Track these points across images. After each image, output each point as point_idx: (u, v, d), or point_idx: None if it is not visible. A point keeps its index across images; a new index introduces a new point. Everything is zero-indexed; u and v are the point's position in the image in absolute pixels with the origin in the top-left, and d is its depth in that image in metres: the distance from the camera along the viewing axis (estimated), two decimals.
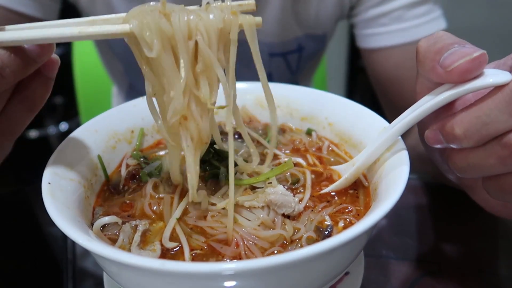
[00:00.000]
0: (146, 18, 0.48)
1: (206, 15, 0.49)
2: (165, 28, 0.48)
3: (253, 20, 0.51)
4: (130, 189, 0.64)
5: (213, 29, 0.49)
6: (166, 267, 0.40)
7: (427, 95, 0.53)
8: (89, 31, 0.48)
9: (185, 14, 0.49)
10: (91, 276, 0.72)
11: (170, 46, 0.49)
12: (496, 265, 0.72)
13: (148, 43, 0.48)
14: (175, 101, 0.50)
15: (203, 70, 0.50)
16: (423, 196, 0.87)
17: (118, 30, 0.49)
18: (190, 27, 0.49)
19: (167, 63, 0.49)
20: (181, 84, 0.50)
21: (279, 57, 1.13)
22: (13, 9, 0.94)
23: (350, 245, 0.49)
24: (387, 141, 0.57)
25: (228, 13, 0.50)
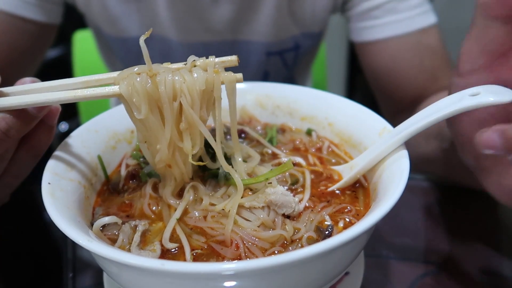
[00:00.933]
0: (134, 82, 0.53)
1: (189, 77, 0.54)
2: (151, 92, 0.53)
3: (234, 77, 0.56)
4: (130, 189, 0.64)
5: (196, 90, 0.54)
6: (166, 267, 0.40)
7: (433, 105, 0.55)
8: (83, 94, 0.54)
9: (170, 74, 0.53)
10: (91, 276, 0.72)
11: (157, 106, 0.54)
12: (496, 265, 0.72)
13: (136, 106, 0.53)
14: (161, 152, 0.56)
15: (186, 127, 0.55)
16: (423, 196, 0.87)
17: (110, 93, 0.54)
18: (175, 89, 0.53)
19: (154, 123, 0.55)
20: (166, 139, 0.56)
21: (275, 55, 1.13)
22: (18, 15, 0.95)
23: (350, 245, 0.49)
24: (390, 147, 0.57)
25: (211, 72, 0.55)
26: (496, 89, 0.49)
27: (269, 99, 0.78)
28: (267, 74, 1.16)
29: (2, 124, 0.52)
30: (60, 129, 2.51)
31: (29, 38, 0.99)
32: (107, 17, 1.04)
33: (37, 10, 0.97)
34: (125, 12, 1.02)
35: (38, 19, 0.98)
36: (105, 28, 1.07)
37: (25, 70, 1.04)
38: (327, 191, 0.62)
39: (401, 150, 0.56)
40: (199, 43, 1.06)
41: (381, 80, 1.07)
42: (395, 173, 0.54)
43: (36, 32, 1.00)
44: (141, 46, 0.52)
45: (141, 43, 0.51)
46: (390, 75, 1.04)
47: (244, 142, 0.73)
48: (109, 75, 0.56)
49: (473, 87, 0.51)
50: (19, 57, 0.99)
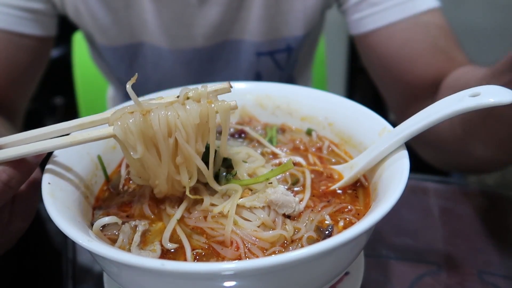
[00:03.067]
0: (127, 122, 0.53)
1: (183, 112, 0.54)
2: (146, 131, 0.53)
3: (228, 106, 0.56)
4: (130, 190, 0.64)
5: (190, 125, 0.54)
6: (166, 267, 0.40)
7: (433, 105, 0.55)
8: (80, 138, 0.55)
9: (163, 111, 0.53)
10: (91, 276, 0.72)
11: (153, 144, 0.54)
12: (496, 265, 0.72)
13: (132, 146, 0.54)
14: (160, 186, 0.57)
15: (182, 161, 0.56)
16: (423, 196, 0.87)
17: (105, 134, 0.55)
18: (169, 126, 0.53)
19: (151, 161, 0.55)
20: (164, 175, 0.56)
21: (266, 55, 1.11)
22: (14, 31, 0.95)
23: (350, 245, 0.49)
24: (391, 147, 0.57)
25: (205, 103, 0.55)
26: (496, 89, 0.50)
27: (269, 99, 0.78)
28: (259, 75, 1.15)
29: (3, 176, 0.52)
30: None
31: (27, 53, 0.99)
32: (98, 26, 1.04)
33: (33, 24, 0.98)
34: (115, 21, 1.02)
35: (35, 33, 0.98)
36: (97, 38, 1.07)
37: (26, 86, 1.04)
38: (327, 191, 0.62)
39: (401, 150, 0.56)
40: (189, 48, 1.05)
41: (393, 70, 0.99)
42: (395, 173, 0.54)
43: (34, 46, 1.00)
44: (128, 92, 0.52)
45: (128, 89, 0.52)
46: (402, 63, 0.96)
47: (244, 142, 0.73)
48: (102, 116, 0.56)
49: (473, 88, 0.52)
50: (20, 73, 1.00)
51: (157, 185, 0.57)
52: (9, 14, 0.94)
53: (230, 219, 0.54)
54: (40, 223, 0.86)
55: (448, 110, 0.52)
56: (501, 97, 0.48)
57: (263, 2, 1.02)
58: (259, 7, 1.03)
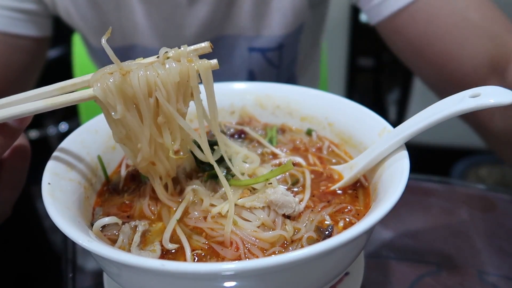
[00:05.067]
0: (107, 82, 0.52)
1: (163, 71, 0.53)
2: (126, 90, 0.52)
3: (209, 64, 0.54)
4: (130, 190, 0.64)
5: (170, 83, 0.53)
6: (166, 267, 0.40)
7: (433, 106, 0.55)
8: (60, 100, 0.54)
9: (143, 70, 0.52)
10: (91, 276, 0.72)
11: (133, 104, 0.54)
12: (496, 265, 0.72)
13: (112, 106, 0.53)
14: (142, 150, 0.56)
15: (164, 121, 0.55)
16: (423, 196, 0.87)
17: (85, 96, 0.54)
18: (149, 84, 0.53)
19: (132, 121, 0.54)
20: (146, 137, 0.55)
21: (257, 52, 1.10)
22: (10, 33, 0.95)
23: (350, 245, 0.49)
24: (391, 147, 0.57)
25: (185, 62, 0.53)
26: (496, 90, 0.50)
27: (269, 99, 0.78)
28: (252, 73, 1.14)
29: None
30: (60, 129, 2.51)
31: (23, 54, 0.99)
32: (89, 29, 1.04)
33: (27, 25, 0.97)
34: (106, 23, 1.02)
35: (30, 34, 0.98)
36: (90, 39, 1.07)
37: (23, 87, 1.04)
38: (327, 191, 0.62)
39: (402, 150, 0.56)
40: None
41: (424, 54, 0.88)
42: (395, 173, 0.54)
43: (29, 47, 1.00)
44: (104, 47, 0.51)
45: (103, 44, 0.51)
46: (432, 42, 0.85)
47: (244, 142, 0.73)
48: (83, 78, 0.55)
49: (474, 88, 0.52)
50: (16, 74, 1.00)
51: (139, 150, 0.56)
52: (2, 16, 0.94)
53: (229, 220, 0.54)
54: (40, 223, 0.86)
55: (448, 111, 0.52)
56: (501, 98, 0.48)
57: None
58: (249, 4, 1.02)
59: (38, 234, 0.84)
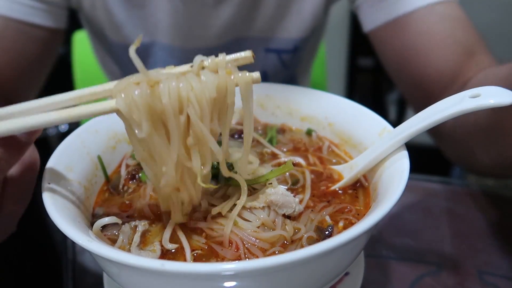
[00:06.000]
0: (132, 94, 0.44)
1: (197, 83, 0.45)
2: (153, 105, 0.45)
3: (250, 77, 0.48)
4: (130, 190, 0.64)
5: (205, 99, 0.46)
6: (166, 267, 0.40)
7: (433, 106, 0.55)
8: (78, 113, 0.46)
9: (174, 82, 0.45)
10: (91, 276, 0.72)
11: (161, 122, 0.46)
12: (496, 265, 0.72)
13: (137, 123, 0.45)
14: (167, 175, 0.49)
15: (195, 143, 0.48)
16: (423, 196, 0.87)
17: (106, 109, 0.46)
18: (180, 99, 0.45)
19: (158, 142, 0.47)
20: (172, 160, 0.47)
21: (273, 53, 1.11)
22: (27, 21, 0.95)
23: (350, 245, 0.49)
24: (391, 147, 0.57)
25: (223, 74, 0.46)
26: (496, 90, 0.50)
27: (269, 99, 0.78)
28: (266, 74, 1.15)
29: None
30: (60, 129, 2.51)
31: (38, 44, 0.99)
32: (112, 23, 1.04)
33: (45, 15, 0.97)
34: (129, 18, 1.02)
35: (47, 24, 0.98)
36: (109, 34, 1.07)
37: (34, 79, 1.04)
38: (327, 191, 0.62)
39: (402, 150, 0.56)
40: (201, 48, 1.05)
41: (409, 64, 0.94)
42: (395, 173, 0.54)
43: (45, 38, 0.99)
44: (131, 58, 0.44)
45: (131, 54, 0.44)
46: (418, 55, 0.92)
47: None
48: (104, 87, 0.48)
49: (473, 89, 0.52)
50: (29, 65, 0.99)
51: (164, 174, 0.49)
52: (21, 3, 0.93)
53: (230, 220, 0.53)
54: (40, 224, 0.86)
55: (448, 112, 0.52)
56: (501, 98, 0.48)
57: (275, 2, 1.02)
58: (271, 7, 1.03)
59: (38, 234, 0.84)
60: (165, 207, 0.55)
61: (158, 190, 0.52)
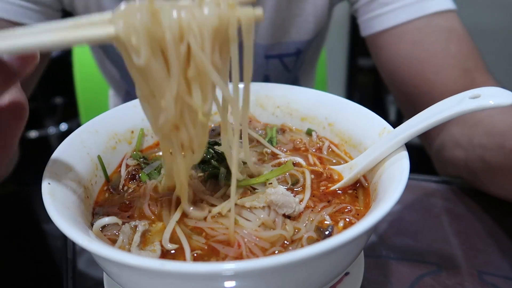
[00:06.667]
0: (132, 19, 0.43)
1: (199, 12, 0.45)
2: (154, 31, 0.43)
3: (253, 13, 0.46)
4: (130, 190, 0.64)
5: (207, 28, 0.45)
6: (166, 267, 0.40)
7: (433, 107, 0.55)
8: (71, 37, 0.42)
9: (176, 11, 0.44)
10: (91, 276, 0.72)
11: (160, 49, 0.45)
12: (496, 265, 0.72)
13: (135, 49, 0.44)
14: (167, 109, 0.47)
15: (195, 75, 0.46)
16: (423, 196, 0.87)
17: (103, 34, 0.43)
18: (181, 27, 0.44)
19: (157, 71, 0.45)
20: (172, 93, 0.46)
21: (275, 58, 1.11)
22: (19, 22, 0.94)
23: (350, 245, 0.49)
24: (391, 148, 0.57)
25: (225, 7, 0.45)
26: (497, 91, 0.50)
27: (269, 100, 0.78)
28: (268, 77, 1.15)
29: None
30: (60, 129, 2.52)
31: None
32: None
33: (37, 16, 0.97)
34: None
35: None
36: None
37: (28, 79, 1.03)
38: (327, 191, 0.62)
39: (402, 151, 0.56)
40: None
41: (402, 73, 0.96)
42: (395, 173, 0.54)
43: None
44: None
45: None
46: (412, 64, 0.93)
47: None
48: (103, 17, 0.45)
49: (474, 89, 0.52)
50: None
51: (163, 109, 0.47)
52: (13, 4, 0.93)
53: (231, 219, 0.53)
54: (40, 224, 0.86)
55: (448, 112, 0.52)
56: (501, 99, 0.48)
57: (274, 5, 1.02)
58: (270, 10, 1.02)
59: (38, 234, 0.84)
60: (165, 151, 0.53)
61: (157, 131, 0.51)
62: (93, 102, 1.57)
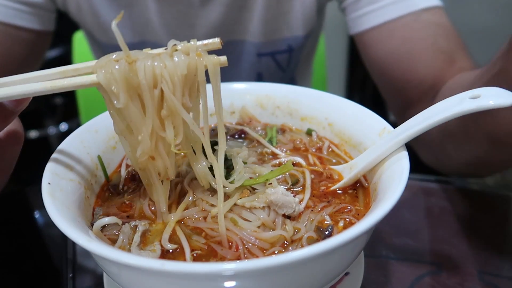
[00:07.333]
0: (112, 69, 0.50)
1: (170, 62, 0.51)
2: (130, 79, 0.51)
3: (217, 60, 0.53)
4: (130, 190, 0.64)
5: (177, 76, 0.52)
6: (166, 267, 0.40)
7: (433, 107, 0.55)
8: (61, 84, 0.51)
9: (150, 60, 0.51)
10: (91, 276, 0.72)
11: (137, 94, 0.52)
12: (496, 265, 0.72)
13: (115, 95, 0.51)
14: (142, 144, 0.54)
15: (168, 114, 0.53)
16: (423, 196, 0.87)
17: (87, 82, 0.52)
18: (155, 75, 0.51)
19: (134, 112, 0.52)
20: (147, 129, 0.53)
21: (267, 56, 1.11)
22: (12, 24, 0.95)
23: (350, 245, 0.49)
24: (390, 148, 0.57)
25: (193, 56, 0.52)
26: (497, 91, 0.49)
27: (269, 100, 0.78)
28: (260, 75, 1.15)
29: None
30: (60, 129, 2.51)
31: (24, 46, 0.99)
32: (99, 24, 1.03)
33: (31, 18, 0.97)
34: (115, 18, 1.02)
35: (33, 27, 0.98)
36: (98, 35, 1.07)
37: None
38: (327, 191, 0.62)
39: (402, 151, 0.56)
40: None
41: (391, 69, 0.97)
42: (395, 173, 0.54)
43: (31, 40, 0.99)
44: (114, 32, 0.49)
45: (113, 28, 0.49)
46: (402, 60, 0.95)
47: (245, 143, 0.73)
48: (87, 64, 0.53)
49: (474, 89, 0.52)
50: (15, 67, 0.99)
51: (140, 142, 0.54)
52: (7, 6, 0.93)
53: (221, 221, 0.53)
54: (40, 224, 0.86)
55: (448, 112, 0.52)
56: (502, 100, 0.48)
57: (265, 2, 1.02)
58: (261, 8, 1.03)
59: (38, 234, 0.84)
60: (145, 181, 0.59)
61: (136, 162, 0.56)
62: (93, 102, 1.56)
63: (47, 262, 0.78)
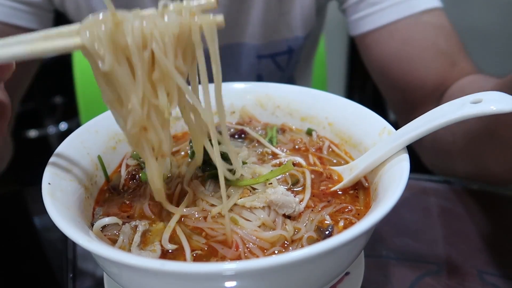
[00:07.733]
0: (97, 30, 0.46)
1: (161, 21, 0.47)
2: (117, 39, 0.46)
3: (214, 20, 0.49)
4: (130, 190, 0.64)
5: (168, 35, 0.47)
6: (166, 267, 0.40)
7: (434, 110, 0.54)
8: (42, 47, 0.47)
9: (139, 21, 0.47)
10: (91, 276, 0.72)
11: (125, 57, 0.48)
12: (496, 265, 0.72)
13: (100, 56, 0.47)
14: (133, 112, 0.49)
15: (160, 78, 0.49)
16: (423, 196, 0.87)
17: (71, 44, 0.47)
18: (144, 36, 0.47)
19: (122, 76, 0.48)
20: (138, 96, 0.48)
21: (267, 58, 1.11)
22: (11, 24, 0.94)
23: (350, 245, 0.49)
24: (391, 150, 0.56)
25: (186, 15, 0.48)
26: (498, 96, 0.49)
27: (269, 99, 0.78)
28: (260, 76, 1.15)
29: None
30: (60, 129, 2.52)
31: None
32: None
33: (29, 17, 0.97)
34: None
35: (31, 26, 0.98)
36: None
37: (19, 81, 1.03)
38: (327, 191, 0.62)
39: (402, 153, 0.56)
40: None
41: (392, 71, 0.97)
42: (395, 174, 0.53)
43: None
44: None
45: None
46: (403, 62, 0.95)
47: (245, 143, 0.73)
48: (70, 28, 0.49)
49: (475, 94, 0.51)
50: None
51: (130, 112, 0.49)
52: (5, 5, 0.93)
53: (227, 219, 0.53)
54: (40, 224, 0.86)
55: (449, 117, 0.51)
56: (504, 105, 0.47)
57: (264, 5, 1.02)
58: (260, 10, 1.02)
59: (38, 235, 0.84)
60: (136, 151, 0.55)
61: (127, 134, 0.52)
62: (93, 102, 1.56)
63: (47, 263, 0.78)
